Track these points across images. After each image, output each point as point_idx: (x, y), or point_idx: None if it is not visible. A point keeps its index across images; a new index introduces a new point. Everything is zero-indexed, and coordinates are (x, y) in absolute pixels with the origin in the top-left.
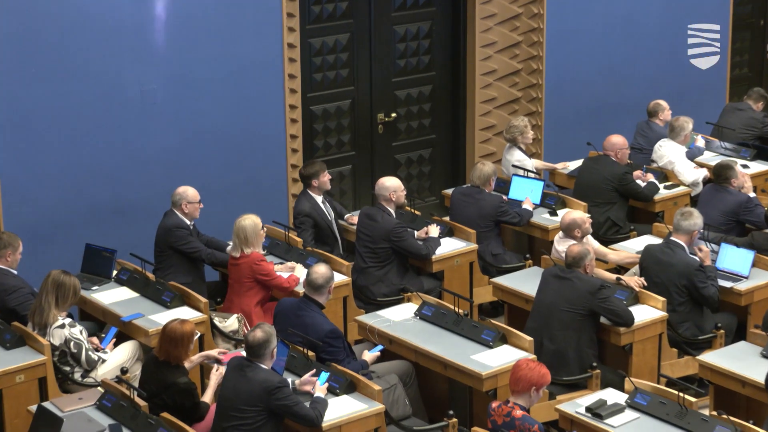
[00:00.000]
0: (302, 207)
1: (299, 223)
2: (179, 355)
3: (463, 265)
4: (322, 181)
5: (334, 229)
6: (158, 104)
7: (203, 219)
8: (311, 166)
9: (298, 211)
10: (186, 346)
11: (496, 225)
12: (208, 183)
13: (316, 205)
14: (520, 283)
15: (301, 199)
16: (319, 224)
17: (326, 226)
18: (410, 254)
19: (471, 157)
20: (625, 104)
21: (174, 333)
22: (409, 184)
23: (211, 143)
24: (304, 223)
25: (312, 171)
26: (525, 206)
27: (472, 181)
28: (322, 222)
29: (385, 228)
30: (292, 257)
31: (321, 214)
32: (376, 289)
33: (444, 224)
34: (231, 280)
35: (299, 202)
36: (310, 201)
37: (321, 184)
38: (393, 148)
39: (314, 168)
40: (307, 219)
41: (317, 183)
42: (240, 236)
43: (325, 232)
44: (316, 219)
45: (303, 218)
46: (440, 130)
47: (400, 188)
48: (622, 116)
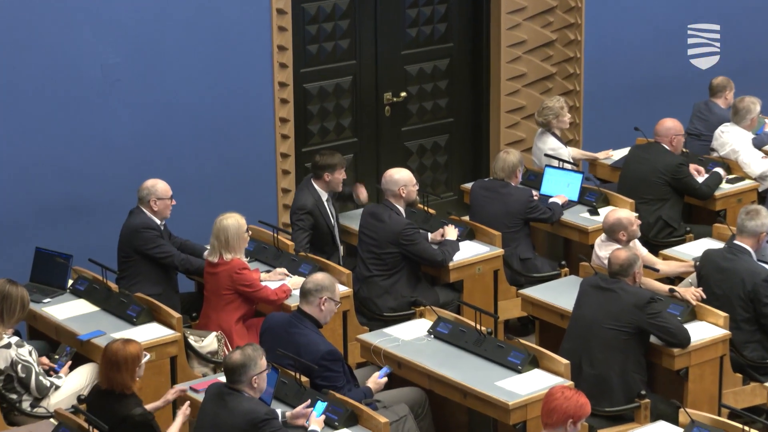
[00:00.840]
0: (304, 201)
1: (296, 220)
2: (123, 382)
3: (486, 274)
4: (336, 178)
5: (335, 234)
6: (122, 82)
7: (176, 218)
8: (331, 156)
9: (299, 206)
10: (131, 370)
11: (525, 224)
12: (182, 175)
13: (320, 203)
14: (554, 295)
15: (304, 191)
16: (320, 226)
17: (327, 230)
18: (423, 261)
19: (495, 145)
20: (681, 81)
21: (115, 356)
22: (421, 176)
23: (185, 128)
24: (303, 221)
25: (330, 162)
26: (554, 199)
27: (496, 173)
28: (323, 224)
29: (393, 229)
30: (282, 264)
31: (324, 215)
32: (382, 302)
33: (463, 224)
34: (208, 292)
35: (301, 195)
36: (315, 196)
37: (333, 182)
38: (402, 134)
39: (334, 160)
40: (307, 217)
41: (329, 178)
42: (220, 239)
43: (325, 238)
44: (317, 219)
45: (303, 215)
46: (459, 112)
47: (411, 182)
48: (677, 95)
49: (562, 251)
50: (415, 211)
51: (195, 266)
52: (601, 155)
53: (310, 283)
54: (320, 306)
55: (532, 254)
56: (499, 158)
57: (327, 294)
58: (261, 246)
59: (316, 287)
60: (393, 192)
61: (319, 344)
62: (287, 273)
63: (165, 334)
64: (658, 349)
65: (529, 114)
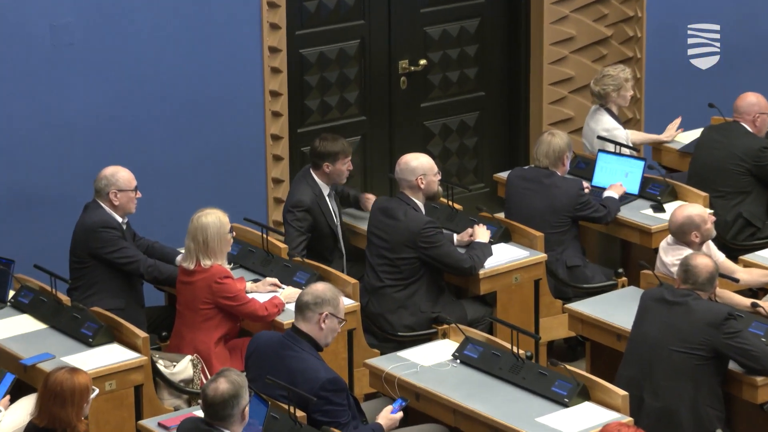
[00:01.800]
0: (302, 196)
1: (292, 220)
2: (68, 419)
3: (525, 284)
4: (338, 169)
5: (339, 236)
6: (76, 46)
7: (142, 215)
8: (333, 142)
9: (295, 202)
10: (78, 405)
11: (573, 224)
12: (150, 162)
13: (321, 198)
14: (608, 310)
15: (301, 183)
16: (320, 227)
17: (329, 231)
18: (447, 268)
19: (537, 125)
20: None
21: (59, 386)
22: (445, 164)
23: (153, 105)
24: (300, 220)
25: (331, 150)
26: (608, 193)
27: (538, 160)
28: (324, 224)
29: (410, 229)
30: (273, 272)
31: (326, 213)
32: (397, 318)
33: (497, 223)
34: (181, 306)
35: (298, 189)
36: (314, 190)
37: (335, 173)
38: (422, 112)
39: (335, 147)
40: (305, 216)
41: (330, 169)
42: (197, 240)
43: (326, 241)
44: (317, 218)
45: (300, 213)
46: (491, 84)
47: (432, 170)
48: (760, 65)
49: (619, 257)
50: (437, 207)
51: (165, 274)
52: (664, 135)
53: (308, 295)
54: (320, 323)
55: (582, 260)
56: (543, 141)
57: (328, 309)
58: (247, 249)
59: (316, 300)
60: (410, 183)
61: (319, 371)
62: (279, 283)
63: (128, 357)
64: (738, 378)
65: (579, 87)
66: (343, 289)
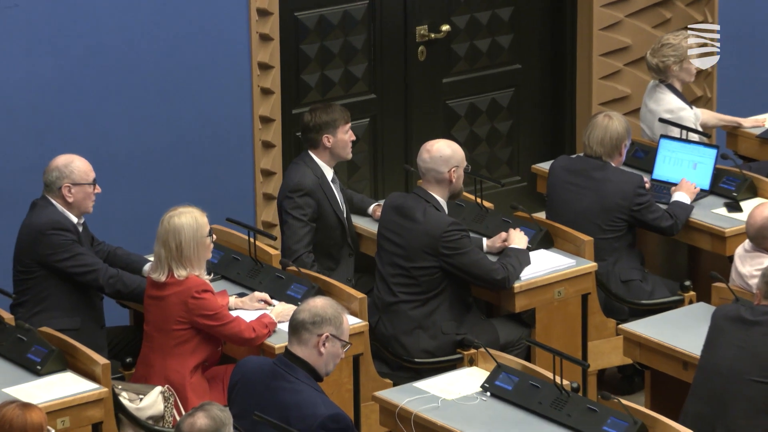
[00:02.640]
0: (302, 179)
1: (292, 207)
2: None
3: (571, 300)
4: (341, 140)
5: (346, 227)
6: (21, 8)
7: (101, 214)
8: (327, 110)
9: (294, 186)
10: None
11: (629, 228)
12: (111, 150)
13: (324, 182)
14: (673, 332)
15: (299, 166)
16: (325, 215)
17: (336, 221)
18: (474, 279)
19: (584, 105)
20: None
21: (9, 425)
22: (472, 153)
23: (115, 79)
24: (302, 207)
25: (327, 119)
26: (678, 196)
27: (590, 147)
28: (330, 212)
29: (431, 232)
30: (262, 284)
31: (331, 198)
32: (413, 341)
33: (536, 225)
34: (150, 326)
35: (296, 171)
36: (316, 172)
37: (338, 146)
38: (444, 89)
39: (331, 115)
40: (306, 201)
41: (332, 141)
42: (169, 246)
43: (332, 234)
44: (322, 204)
45: (301, 198)
46: (529, 55)
47: (461, 160)
48: None
49: (686, 266)
50: (462, 205)
51: (130, 287)
52: (748, 122)
53: (305, 312)
54: (319, 347)
55: (640, 271)
56: (597, 125)
57: (329, 329)
58: (231, 257)
59: (314, 319)
60: (439, 175)
61: (318, 405)
62: (269, 299)
63: (85, 389)
64: None
65: (637, 58)
66: (348, 305)
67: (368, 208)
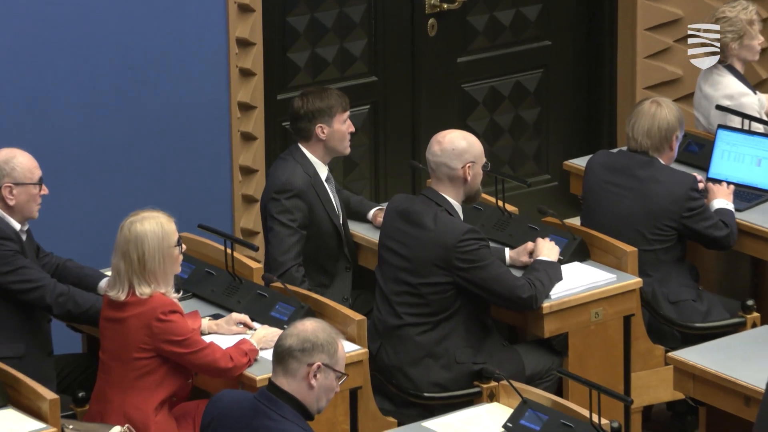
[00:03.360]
0: (291, 177)
1: (279, 210)
2: None
3: (611, 323)
4: (338, 130)
5: (343, 236)
6: None
7: (48, 220)
8: (322, 95)
9: (283, 185)
10: None
11: (680, 238)
12: (60, 144)
13: (317, 181)
14: (732, 361)
15: (287, 161)
16: (318, 220)
17: (330, 227)
18: (495, 298)
19: (627, 89)
20: None
21: None
22: (493, 147)
23: (65, 60)
24: (291, 210)
25: (323, 105)
26: (719, 204)
27: (635, 140)
28: (323, 217)
29: (443, 241)
30: (241, 304)
31: (325, 200)
32: (422, 372)
33: (569, 233)
34: (107, 355)
35: (284, 168)
36: (308, 169)
37: (334, 138)
38: (458, 70)
39: (326, 100)
40: (297, 203)
41: (327, 132)
42: (130, 258)
43: (326, 241)
44: (314, 207)
45: (290, 200)
46: (560, 29)
47: (479, 155)
48: None
49: (749, 282)
50: (480, 209)
51: (83, 307)
52: None
53: (292, 338)
54: (309, 379)
55: (693, 289)
56: (643, 113)
57: (322, 358)
58: (203, 271)
59: (303, 346)
60: (452, 171)
61: None
62: (249, 321)
63: (29, 429)
64: None
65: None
66: (344, 328)
67: (368, 213)
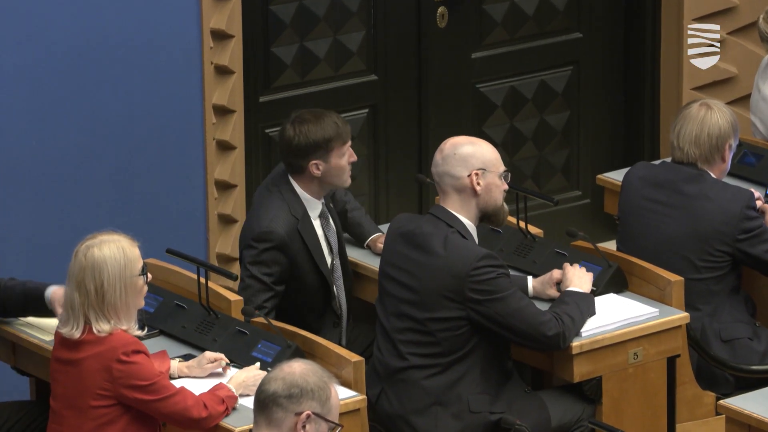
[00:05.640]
0: (272, 223)
1: (253, 261)
2: None
3: (652, 366)
4: (336, 165)
5: (333, 289)
6: None
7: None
8: (318, 122)
9: (262, 233)
10: None
11: (734, 266)
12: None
13: (306, 225)
14: None
15: (273, 197)
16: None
17: (316, 280)
18: (515, 336)
19: (671, 90)
20: None
21: None
22: (512, 158)
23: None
24: (267, 264)
25: (319, 136)
26: None
27: (679, 150)
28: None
29: (455, 269)
30: (217, 342)
31: (314, 249)
32: (429, 422)
33: (603, 260)
34: (59, 402)
35: (267, 208)
36: (296, 210)
37: (330, 173)
38: (473, 67)
39: (325, 128)
40: (276, 256)
41: (322, 170)
42: (86, 288)
43: (311, 297)
44: (296, 260)
45: (268, 252)
46: (593, 19)
47: (497, 166)
48: None
49: None
50: (499, 231)
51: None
52: None
53: (277, 382)
54: (297, 430)
55: (749, 325)
56: (690, 118)
57: (312, 406)
58: (173, 303)
59: (290, 391)
60: (456, 181)
61: None
62: (227, 362)
63: None
64: None
65: (744, 24)
66: (338, 371)
67: (366, 240)
